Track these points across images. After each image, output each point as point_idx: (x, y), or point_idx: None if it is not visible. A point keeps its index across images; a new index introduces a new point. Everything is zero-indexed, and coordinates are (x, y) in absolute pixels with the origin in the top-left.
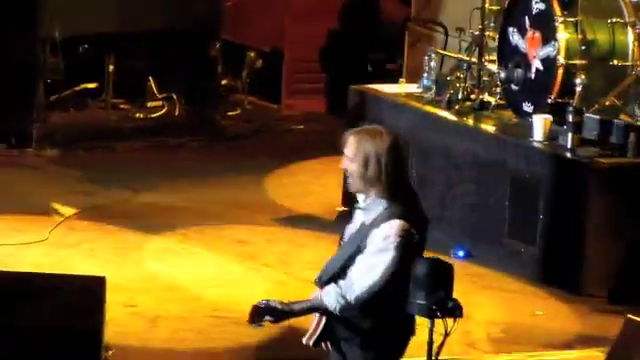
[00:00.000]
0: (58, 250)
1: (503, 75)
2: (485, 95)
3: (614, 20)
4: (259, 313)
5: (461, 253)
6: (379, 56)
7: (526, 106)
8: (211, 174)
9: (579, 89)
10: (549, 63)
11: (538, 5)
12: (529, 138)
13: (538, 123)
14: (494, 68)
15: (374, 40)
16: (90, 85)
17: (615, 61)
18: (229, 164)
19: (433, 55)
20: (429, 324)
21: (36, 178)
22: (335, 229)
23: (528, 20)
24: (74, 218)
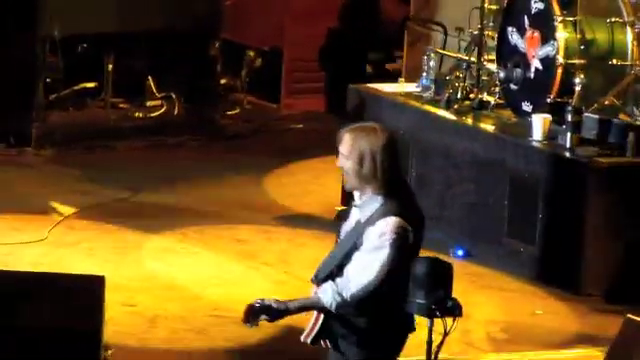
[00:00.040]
0: (57, 249)
1: (502, 74)
2: (484, 94)
3: (613, 20)
4: (254, 312)
5: (460, 252)
6: (379, 56)
7: (525, 105)
8: (210, 173)
9: (578, 88)
10: (548, 63)
11: (537, 4)
12: (528, 137)
13: (537, 122)
14: (493, 67)
15: (374, 40)
16: (89, 84)
17: (614, 60)
18: (228, 163)
19: (432, 54)
20: (428, 323)
21: (35, 177)
22: (334, 228)
23: (527, 20)
24: (73, 217)
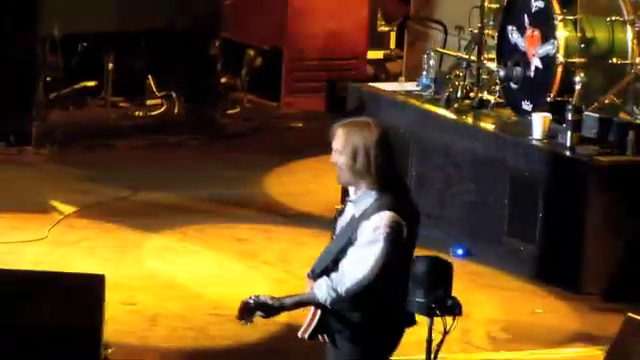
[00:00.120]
0: (57, 248)
1: (502, 73)
2: (484, 93)
3: (613, 18)
4: (249, 309)
5: (460, 251)
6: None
7: (525, 104)
8: (210, 172)
9: (578, 87)
10: (548, 61)
11: (537, 3)
12: (528, 136)
13: (537, 121)
14: (493, 66)
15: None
16: (89, 83)
17: (614, 59)
18: (228, 162)
19: (432, 53)
20: (428, 322)
21: (35, 176)
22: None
23: (527, 18)
24: (73, 216)
